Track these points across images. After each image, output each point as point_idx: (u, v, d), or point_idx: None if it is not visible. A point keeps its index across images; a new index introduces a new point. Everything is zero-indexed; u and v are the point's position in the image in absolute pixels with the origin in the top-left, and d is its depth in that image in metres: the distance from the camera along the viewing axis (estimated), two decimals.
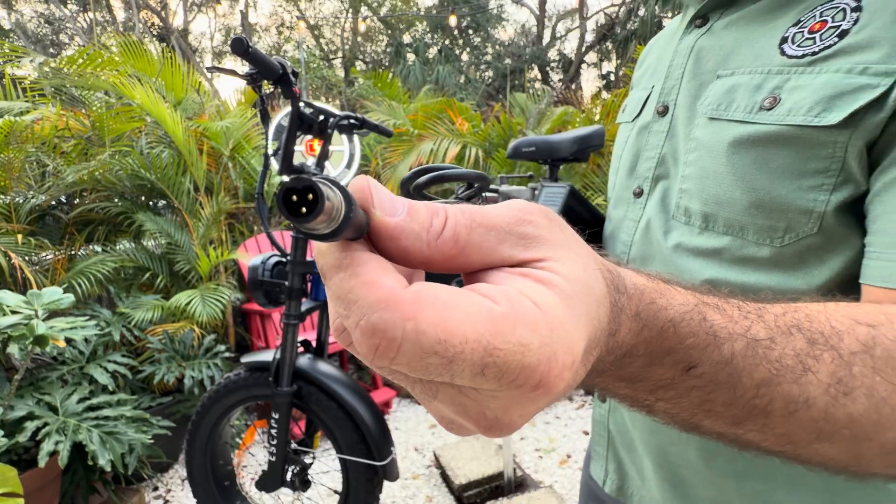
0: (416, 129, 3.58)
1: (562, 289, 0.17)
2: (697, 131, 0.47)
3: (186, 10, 11.46)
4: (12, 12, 10.21)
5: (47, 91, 2.58)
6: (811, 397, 0.25)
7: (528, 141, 1.68)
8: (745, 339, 0.25)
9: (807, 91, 0.39)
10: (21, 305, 1.57)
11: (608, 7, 10.52)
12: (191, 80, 3.06)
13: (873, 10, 0.37)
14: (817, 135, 0.38)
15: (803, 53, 0.40)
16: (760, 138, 0.41)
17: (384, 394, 2.82)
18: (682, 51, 0.51)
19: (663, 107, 0.52)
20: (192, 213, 2.64)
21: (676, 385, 0.25)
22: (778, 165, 0.40)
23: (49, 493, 1.70)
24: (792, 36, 0.41)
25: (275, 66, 1.24)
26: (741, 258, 0.43)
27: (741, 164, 0.42)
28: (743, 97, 0.43)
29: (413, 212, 0.18)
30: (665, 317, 0.23)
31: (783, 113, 0.39)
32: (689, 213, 0.47)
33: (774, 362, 0.25)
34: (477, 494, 2.06)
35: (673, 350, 0.24)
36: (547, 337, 0.16)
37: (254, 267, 1.40)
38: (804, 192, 0.39)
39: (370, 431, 1.37)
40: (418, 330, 0.15)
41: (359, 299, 0.16)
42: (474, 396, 0.17)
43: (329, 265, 0.17)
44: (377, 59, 12.47)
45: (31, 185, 2.38)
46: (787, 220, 0.40)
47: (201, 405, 1.51)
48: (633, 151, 0.56)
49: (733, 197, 0.43)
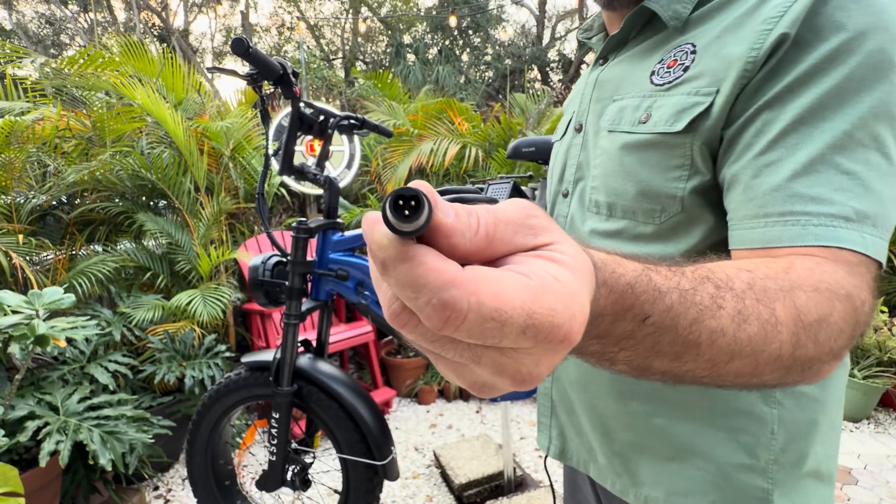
0: (416, 129, 3.58)
1: (571, 265, 0.22)
2: (601, 141, 0.61)
3: (187, 10, 11.46)
4: (13, 13, 10.22)
5: (48, 91, 2.59)
6: (724, 326, 0.33)
7: (527, 141, 1.69)
8: (678, 290, 0.32)
9: (665, 108, 0.53)
10: (22, 305, 1.58)
11: None
12: (191, 81, 3.06)
13: (702, 53, 0.52)
14: (673, 139, 0.52)
15: (664, 82, 0.55)
16: (641, 143, 0.55)
17: (384, 393, 2.82)
18: (590, 82, 0.68)
19: (579, 124, 0.68)
20: (193, 213, 2.64)
21: (635, 334, 0.31)
22: (653, 163, 0.54)
23: (50, 493, 1.71)
24: (658, 70, 0.57)
25: (275, 67, 1.24)
26: (635, 235, 0.58)
27: (630, 163, 0.56)
28: (628, 114, 0.58)
29: (459, 214, 0.21)
30: (624, 281, 0.29)
31: (652, 124, 0.54)
32: (598, 204, 0.62)
33: (698, 304, 0.33)
34: (477, 494, 2.06)
35: (632, 307, 0.30)
36: (568, 302, 0.21)
37: (254, 267, 1.40)
38: (670, 182, 0.53)
39: (370, 431, 1.37)
40: (479, 302, 0.19)
41: (428, 282, 0.19)
42: (512, 356, 0.21)
43: (393, 257, 0.20)
44: (377, 60, 12.47)
45: (31, 185, 2.39)
46: (662, 204, 0.54)
47: (202, 405, 1.52)
48: (562, 163, 0.71)
49: (626, 189, 0.57)
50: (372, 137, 3.72)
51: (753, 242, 0.46)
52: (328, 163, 3.22)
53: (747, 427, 0.54)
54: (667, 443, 0.59)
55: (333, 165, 3.31)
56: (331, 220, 1.41)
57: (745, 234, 0.47)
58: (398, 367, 3.04)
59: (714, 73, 0.50)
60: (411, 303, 0.20)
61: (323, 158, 1.44)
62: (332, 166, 3.30)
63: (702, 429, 0.56)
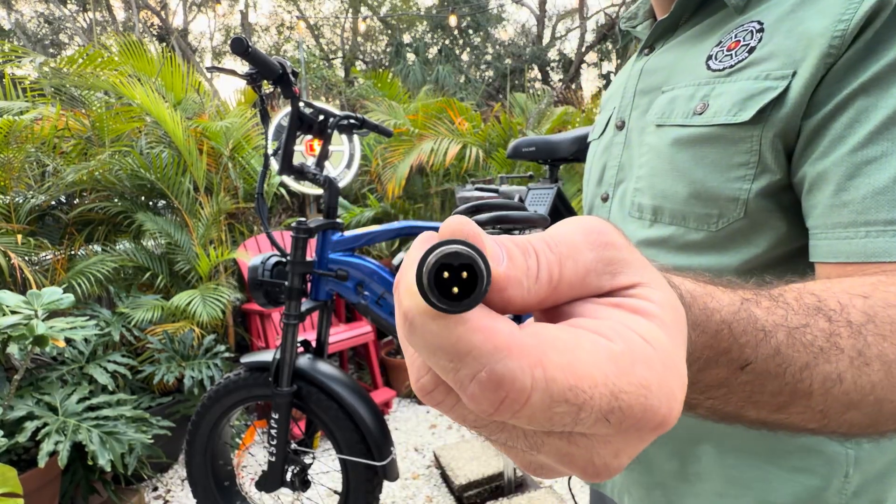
0: (417, 128, 3.57)
1: (661, 319, 0.16)
2: (648, 138, 0.55)
3: (186, 9, 11.45)
4: (12, 12, 10.21)
5: (47, 91, 2.58)
6: (842, 372, 0.27)
7: (528, 141, 1.69)
8: (785, 328, 0.27)
9: (727, 96, 0.47)
10: (21, 305, 1.57)
11: (608, 7, 10.52)
12: (190, 80, 3.06)
13: (772, 31, 0.46)
14: (737, 131, 0.46)
15: (723, 67, 0.49)
16: (695, 138, 0.49)
17: (384, 394, 2.82)
18: (633, 74, 0.61)
19: (621, 121, 0.61)
20: (192, 213, 2.63)
21: (729, 383, 0.26)
22: (710, 161, 0.48)
23: (49, 494, 1.70)
24: (715, 54, 0.50)
25: (274, 66, 1.24)
26: (683, 244, 0.51)
27: (681, 161, 0.50)
28: (681, 105, 0.51)
29: (513, 257, 0.16)
30: (718, 318, 0.24)
31: (711, 115, 0.48)
32: (642, 208, 0.55)
33: (810, 346, 0.27)
34: (477, 495, 2.06)
35: (727, 350, 0.24)
36: (663, 374, 0.15)
37: (254, 267, 1.40)
38: (731, 182, 0.46)
39: (370, 431, 1.37)
40: (548, 377, 0.14)
41: (474, 348, 0.14)
42: (584, 444, 0.16)
43: (422, 309, 0.15)
44: (377, 59, 12.46)
45: (30, 185, 2.38)
46: (720, 208, 0.47)
47: (201, 405, 1.51)
48: (601, 164, 0.64)
49: (676, 190, 0.50)
50: (372, 137, 3.72)
51: (849, 255, 0.38)
52: (328, 162, 3.22)
53: (815, 468, 0.47)
54: (717, 475, 0.51)
55: (333, 165, 3.31)
56: (330, 220, 1.40)
57: (837, 245, 0.39)
58: (398, 367, 3.04)
59: (788, 53, 0.43)
60: (449, 375, 0.15)
61: (322, 158, 1.43)
62: (331, 166, 3.29)
63: (758, 464, 0.49)
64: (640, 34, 0.65)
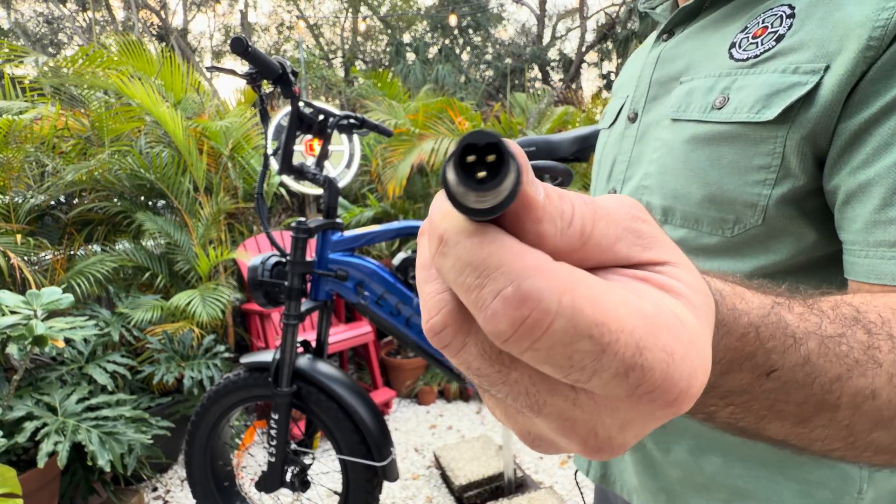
0: (417, 128, 3.57)
1: (690, 300, 0.16)
2: (662, 133, 0.51)
3: (186, 9, 11.45)
4: (11, 12, 10.20)
5: (46, 91, 2.58)
6: (877, 388, 0.26)
7: (528, 141, 1.68)
8: (818, 336, 0.25)
9: (750, 90, 0.42)
10: (20, 305, 1.57)
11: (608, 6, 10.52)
12: (190, 80, 3.05)
13: (803, 17, 0.41)
14: (759, 131, 0.41)
15: (747, 56, 0.44)
16: (713, 136, 0.44)
17: (384, 394, 2.82)
18: (649, 62, 0.56)
19: (634, 113, 0.57)
20: (192, 212, 2.63)
21: (752, 389, 0.24)
22: (728, 162, 0.43)
23: (48, 494, 1.70)
24: (739, 41, 0.45)
25: (274, 66, 1.24)
26: (695, 248, 0.47)
27: (697, 160, 0.45)
28: (699, 98, 0.46)
29: (549, 194, 0.15)
30: (746, 321, 0.23)
31: (730, 111, 0.43)
32: (650, 207, 0.50)
33: (845, 357, 0.25)
34: (477, 495, 2.05)
35: (753, 354, 0.23)
36: (689, 350, 0.14)
37: (253, 267, 1.40)
38: (750, 186, 0.42)
39: (370, 432, 1.36)
40: (575, 306, 0.13)
41: (504, 264, 0.13)
42: (590, 409, 0.15)
43: (458, 228, 0.14)
44: (377, 59, 12.46)
45: (30, 184, 2.38)
46: (736, 213, 0.44)
47: (201, 405, 1.51)
48: (611, 157, 0.59)
49: (689, 191, 0.46)
50: (372, 137, 3.71)
51: (895, 278, 0.34)
52: (327, 162, 3.21)
53: (827, 482, 0.45)
54: (723, 485, 0.49)
55: (333, 165, 3.31)
56: (330, 220, 1.40)
57: (881, 265, 0.36)
58: (398, 367, 3.03)
59: (821, 44, 0.39)
60: (472, 294, 0.14)
61: (322, 158, 1.43)
62: (331, 166, 3.29)
63: (768, 475, 0.47)
64: (660, 17, 0.60)
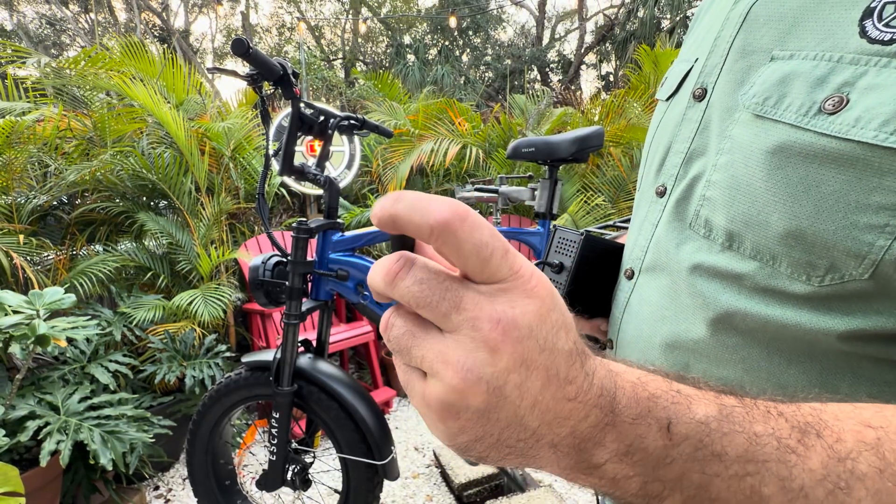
0: (417, 129, 3.58)
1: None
2: (736, 128, 0.36)
3: (187, 11, 11.47)
4: (14, 13, 10.23)
5: (49, 92, 2.59)
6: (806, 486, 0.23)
7: (527, 141, 1.69)
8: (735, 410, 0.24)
9: (887, 94, 0.27)
10: (23, 305, 1.58)
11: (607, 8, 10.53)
12: (192, 81, 3.07)
13: None
14: (889, 159, 0.27)
15: (891, 38, 0.27)
16: (814, 153, 0.30)
17: (384, 393, 2.82)
18: (733, 18, 0.39)
19: (701, 89, 0.41)
20: (194, 213, 2.64)
21: (669, 454, 0.23)
22: (831, 192, 0.30)
23: (50, 493, 1.71)
24: (881, 7, 0.28)
25: (275, 67, 1.25)
26: (767, 289, 0.34)
27: (784, 181, 0.32)
28: (799, 92, 0.31)
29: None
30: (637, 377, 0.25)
31: (849, 122, 0.29)
32: (710, 226, 0.38)
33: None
34: (477, 493, 2.06)
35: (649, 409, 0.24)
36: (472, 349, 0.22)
37: (254, 267, 1.41)
38: (859, 231, 0.29)
39: (370, 431, 1.37)
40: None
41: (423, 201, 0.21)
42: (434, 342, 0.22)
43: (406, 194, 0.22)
44: (377, 60, 12.48)
45: (32, 185, 2.39)
46: (832, 260, 0.31)
47: (202, 405, 1.52)
48: (665, 142, 0.45)
49: (768, 220, 0.33)
50: (372, 138, 3.73)
51: None
52: (328, 163, 3.22)
53: None
54: None
55: (333, 166, 3.31)
56: (331, 220, 1.41)
57: None
58: None
59: None
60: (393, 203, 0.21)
61: (323, 159, 1.44)
62: (332, 167, 3.30)
63: None
64: None
